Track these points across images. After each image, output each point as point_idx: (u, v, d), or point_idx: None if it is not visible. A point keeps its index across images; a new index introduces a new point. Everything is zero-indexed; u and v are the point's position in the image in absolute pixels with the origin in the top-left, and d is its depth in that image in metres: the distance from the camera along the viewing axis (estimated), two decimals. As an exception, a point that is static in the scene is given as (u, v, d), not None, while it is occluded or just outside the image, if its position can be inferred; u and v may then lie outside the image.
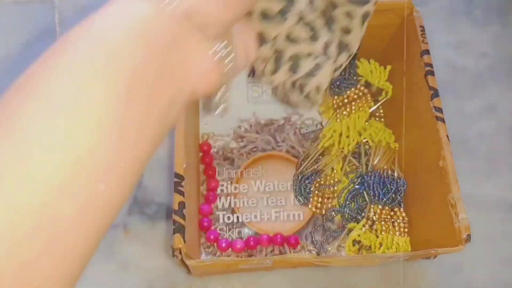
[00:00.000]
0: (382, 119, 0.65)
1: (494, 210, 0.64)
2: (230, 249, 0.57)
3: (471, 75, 0.72)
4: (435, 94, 0.54)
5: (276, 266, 0.55)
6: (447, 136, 0.52)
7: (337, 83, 0.63)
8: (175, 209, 0.46)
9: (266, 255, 0.58)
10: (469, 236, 0.48)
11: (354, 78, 0.63)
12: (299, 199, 0.60)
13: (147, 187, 0.62)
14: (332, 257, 0.48)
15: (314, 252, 0.58)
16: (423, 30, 0.57)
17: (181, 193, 0.47)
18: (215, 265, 0.47)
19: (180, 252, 0.45)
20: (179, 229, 0.46)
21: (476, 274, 0.61)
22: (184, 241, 0.45)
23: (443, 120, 0.53)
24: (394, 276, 0.60)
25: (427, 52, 0.56)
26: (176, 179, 0.47)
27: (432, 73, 0.55)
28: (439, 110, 0.53)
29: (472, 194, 0.65)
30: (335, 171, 0.62)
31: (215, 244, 0.57)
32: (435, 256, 0.59)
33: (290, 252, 0.58)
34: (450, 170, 0.50)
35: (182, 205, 0.47)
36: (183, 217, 0.46)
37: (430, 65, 0.55)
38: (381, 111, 0.66)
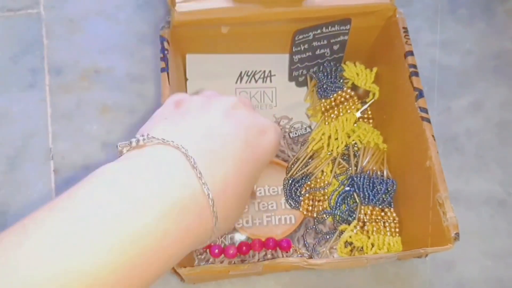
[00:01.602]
0: (371, 121, 0.66)
1: (484, 206, 0.65)
2: (222, 255, 0.57)
3: (458, 73, 0.73)
4: (420, 94, 0.54)
5: (267, 271, 0.55)
6: (433, 136, 0.53)
7: (324, 86, 0.63)
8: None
9: (258, 259, 0.58)
10: (457, 234, 0.48)
11: (341, 81, 0.63)
12: (290, 203, 0.61)
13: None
14: (322, 260, 0.48)
15: (306, 255, 0.59)
16: (406, 31, 0.57)
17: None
18: (206, 272, 0.47)
19: None
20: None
21: (468, 271, 0.61)
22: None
23: (428, 121, 0.53)
24: (387, 276, 0.60)
25: (411, 53, 0.56)
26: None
27: (416, 74, 0.56)
28: (424, 110, 0.54)
29: (461, 191, 0.65)
30: (325, 173, 0.62)
31: (208, 250, 0.57)
32: (427, 255, 0.59)
33: (282, 255, 0.58)
34: (437, 170, 0.51)
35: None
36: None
37: (414, 66, 0.56)
38: (369, 113, 0.66)
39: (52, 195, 0.62)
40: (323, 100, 0.63)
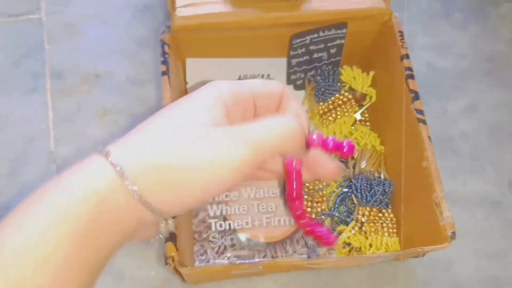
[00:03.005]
0: (368, 124, 0.67)
1: (478, 207, 0.66)
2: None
3: (452, 76, 0.74)
4: (416, 97, 0.56)
5: (267, 271, 0.56)
6: (429, 137, 0.54)
7: (322, 89, 0.64)
8: (167, 219, 0.47)
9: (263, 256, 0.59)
10: (453, 233, 0.49)
11: (338, 84, 0.65)
12: (289, 204, 0.61)
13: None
14: (321, 259, 0.49)
15: (305, 256, 0.60)
16: (402, 35, 0.59)
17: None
18: (207, 272, 0.48)
19: (173, 260, 0.46)
20: (171, 238, 0.47)
21: (464, 270, 0.62)
22: (176, 249, 0.46)
23: (424, 122, 0.55)
24: (384, 276, 0.61)
25: (406, 56, 0.58)
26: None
27: (412, 76, 0.57)
28: (421, 112, 0.55)
29: (456, 192, 0.67)
30: (323, 175, 0.63)
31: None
32: (424, 255, 0.60)
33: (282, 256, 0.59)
34: (434, 170, 0.52)
35: (173, 214, 0.48)
36: (174, 226, 0.47)
37: (410, 69, 0.57)
38: (366, 115, 0.67)
39: (54, 198, 0.63)
40: (321, 103, 0.64)
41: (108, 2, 0.73)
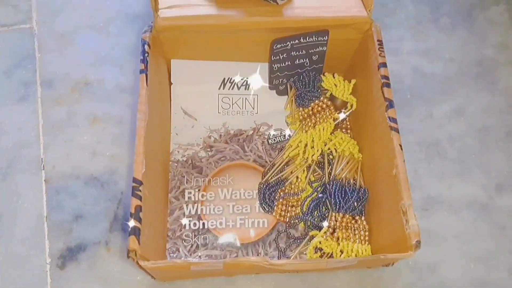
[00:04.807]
0: (349, 131, 0.67)
1: (466, 210, 0.66)
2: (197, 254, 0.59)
3: (440, 80, 0.74)
4: (390, 105, 0.56)
5: (232, 271, 0.57)
6: (400, 145, 0.54)
7: (302, 95, 0.65)
8: (131, 212, 0.48)
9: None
10: (418, 242, 0.49)
11: (318, 91, 0.65)
12: (263, 207, 0.63)
13: (127, 204, 0.64)
14: (282, 261, 0.50)
15: (276, 258, 0.60)
16: (380, 43, 0.59)
17: (139, 197, 0.49)
18: (168, 267, 0.49)
19: (135, 254, 0.47)
20: (135, 231, 0.47)
21: (451, 273, 0.63)
22: (139, 243, 0.47)
23: (397, 130, 0.55)
24: (371, 280, 0.62)
25: (384, 65, 0.58)
26: (134, 184, 0.50)
27: (388, 85, 0.57)
28: (394, 120, 0.55)
29: (444, 195, 0.67)
30: (299, 179, 0.64)
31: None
32: (393, 263, 0.60)
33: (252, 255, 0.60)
34: (402, 178, 0.52)
35: (139, 208, 0.49)
36: (139, 220, 0.48)
37: (387, 77, 0.57)
38: (347, 123, 0.68)
39: (43, 204, 0.65)
40: (301, 109, 0.65)
41: (100, 12, 0.76)
